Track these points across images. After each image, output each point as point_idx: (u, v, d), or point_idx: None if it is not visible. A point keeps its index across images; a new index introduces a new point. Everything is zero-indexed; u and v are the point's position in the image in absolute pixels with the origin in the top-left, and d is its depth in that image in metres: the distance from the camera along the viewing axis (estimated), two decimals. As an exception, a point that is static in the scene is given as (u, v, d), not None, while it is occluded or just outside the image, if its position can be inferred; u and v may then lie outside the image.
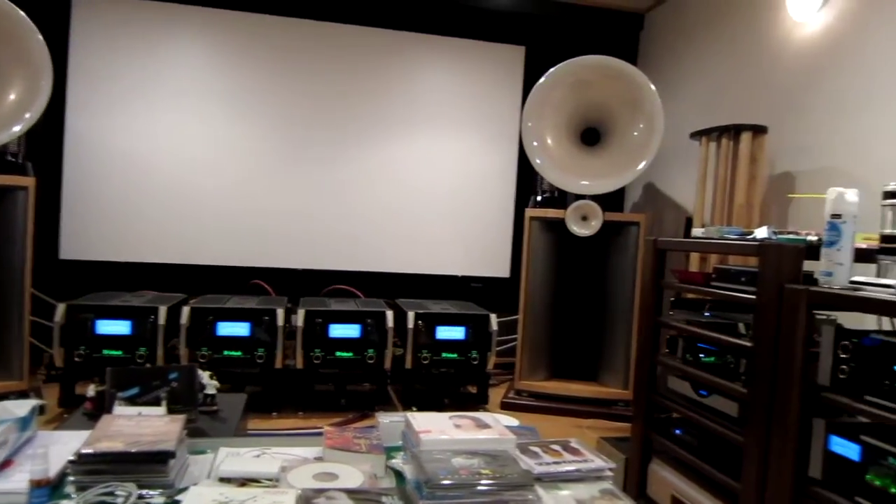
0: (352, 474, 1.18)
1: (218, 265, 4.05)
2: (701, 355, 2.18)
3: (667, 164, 4.05)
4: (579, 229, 3.58)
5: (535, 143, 3.58)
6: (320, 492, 1.06)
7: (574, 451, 1.30)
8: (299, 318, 3.21)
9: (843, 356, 1.56)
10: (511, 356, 3.91)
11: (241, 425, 2.11)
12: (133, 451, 1.15)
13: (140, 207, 3.92)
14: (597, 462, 1.25)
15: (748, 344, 1.90)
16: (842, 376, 1.56)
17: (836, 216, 1.66)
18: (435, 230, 4.38)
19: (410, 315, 3.36)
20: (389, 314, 3.33)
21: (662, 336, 2.44)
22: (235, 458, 1.28)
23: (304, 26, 4.12)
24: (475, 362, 3.41)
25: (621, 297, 3.64)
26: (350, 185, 4.23)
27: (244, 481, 1.19)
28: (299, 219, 4.16)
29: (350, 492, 1.07)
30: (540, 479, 1.18)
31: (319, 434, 1.36)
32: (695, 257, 3.23)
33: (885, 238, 1.62)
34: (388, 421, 1.41)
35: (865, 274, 1.64)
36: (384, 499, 1.05)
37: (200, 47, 3.97)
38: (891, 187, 1.61)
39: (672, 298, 2.56)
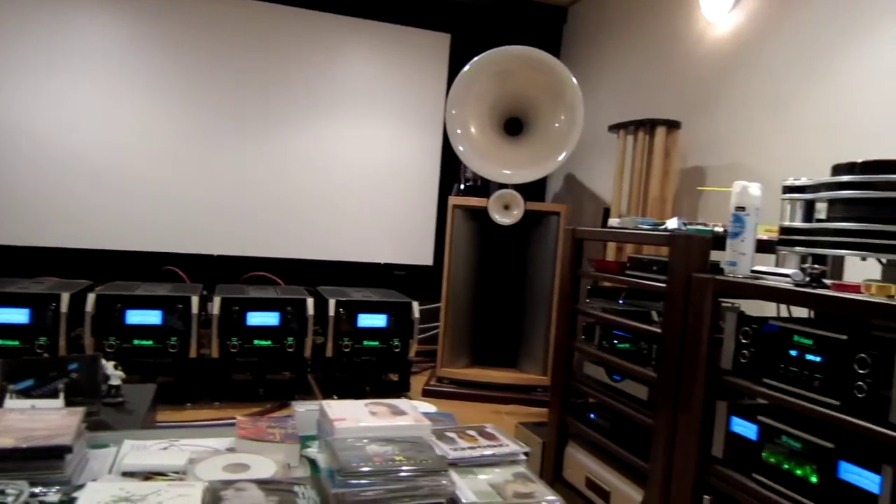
0: (264, 465, 1.15)
1: (128, 250, 3.86)
2: (616, 342, 2.25)
3: (586, 155, 4.15)
4: (501, 218, 3.62)
5: (458, 131, 3.59)
6: (229, 483, 1.02)
7: (489, 437, 1.31)
8: (215, 306, 3.11)
9: (745, 342, 1.64)
10: (433, 344, 3.93)
11: (149, 417, 2.02)
12: (24, 447, 1.07)
13: (40, 187, 3.67)
14: (511, 447, 1.26)
15: (658, 330, 1.97)
16: (743, 361, 1.65)
17: (740, 209, 1.74)
18: (357, 217, 4.33)
19: (331, 302, 3.31)
20: (310, 301, 3.27)
21: (580, 323, 2.51)
22: (140, 451, 1.22)
23: (222, 3, 3.95)
24: (397, 350, 3.41)
25: (541, 286, 3.71)
26: (270, 169, 4.12)
27: (149, 475, 1.14)
28: (216, 203, 4.02)
29: (261, 482, 1.04)
30: (455, 464, 1.19)
31: (233, 425, 1.31)
32: (612, 247, 3.33)
33: (783, 230, 1.71)
34: (303, 410, 1.37)
35: (766, 264, 1.73)
36: (296, 488, 1.03)
37: (109, 20, 3.75)
38: (790, 182, 1.70)
39: (589, 287, 2.63)
